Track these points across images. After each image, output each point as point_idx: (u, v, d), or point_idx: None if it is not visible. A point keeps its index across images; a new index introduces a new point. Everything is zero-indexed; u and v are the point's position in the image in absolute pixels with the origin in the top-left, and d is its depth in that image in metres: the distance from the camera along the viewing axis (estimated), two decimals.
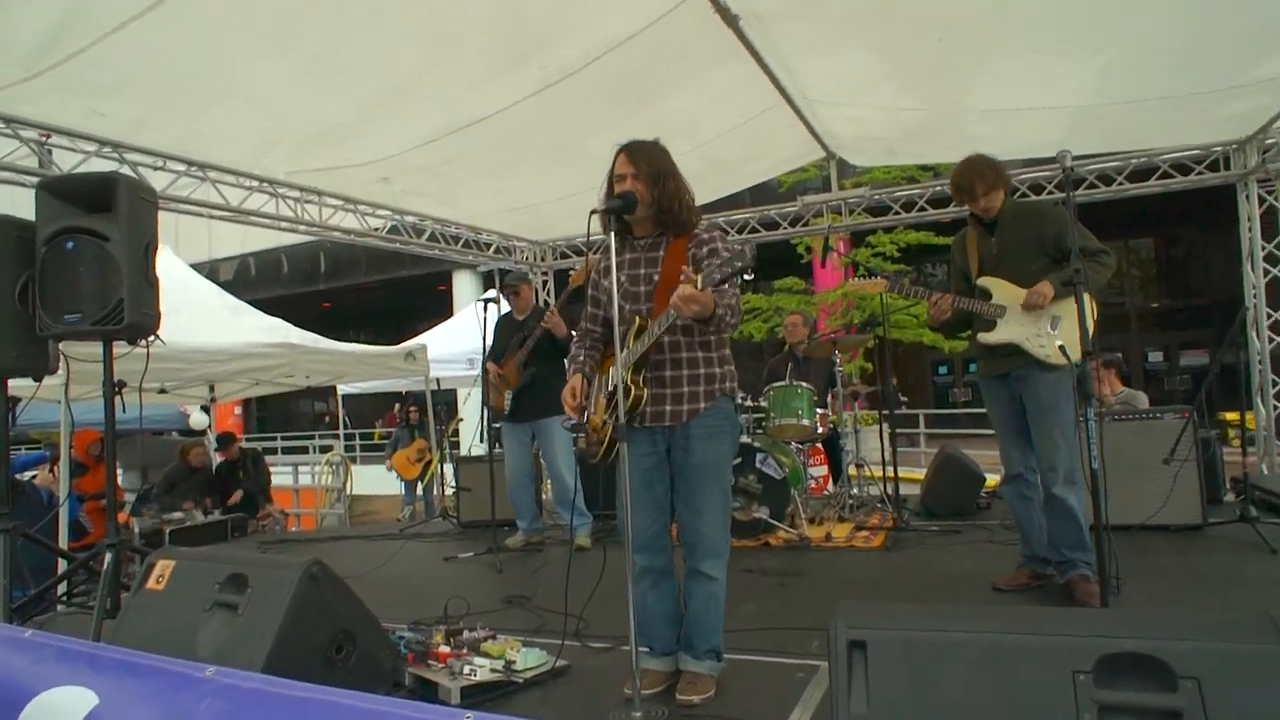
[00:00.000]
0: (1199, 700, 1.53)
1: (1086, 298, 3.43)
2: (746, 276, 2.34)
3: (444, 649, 2.93)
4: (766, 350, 12.86)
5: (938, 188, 6.83)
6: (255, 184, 5.21)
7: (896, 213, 7.00)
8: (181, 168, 4.82)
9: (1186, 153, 6.06)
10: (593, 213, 2.46)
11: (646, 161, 2.58)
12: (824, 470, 6.22)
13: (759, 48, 4.57)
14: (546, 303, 5.52)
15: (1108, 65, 4.51)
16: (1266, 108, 5.13)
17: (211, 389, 8.48)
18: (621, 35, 4.10)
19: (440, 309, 18.17)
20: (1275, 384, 6.07)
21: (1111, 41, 4.20)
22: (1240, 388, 5.01)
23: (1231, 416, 7.91)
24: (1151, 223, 16.62)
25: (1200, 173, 6.07)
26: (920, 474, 6.98)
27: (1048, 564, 3.66)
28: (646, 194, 2.57)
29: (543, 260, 7.96)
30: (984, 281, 3.60)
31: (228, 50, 3.59)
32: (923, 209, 6.85)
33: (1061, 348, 3.36)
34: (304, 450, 18.41)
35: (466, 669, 2.79)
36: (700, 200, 7.50)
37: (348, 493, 11.39)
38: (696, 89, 4.90)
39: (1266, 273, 6.05)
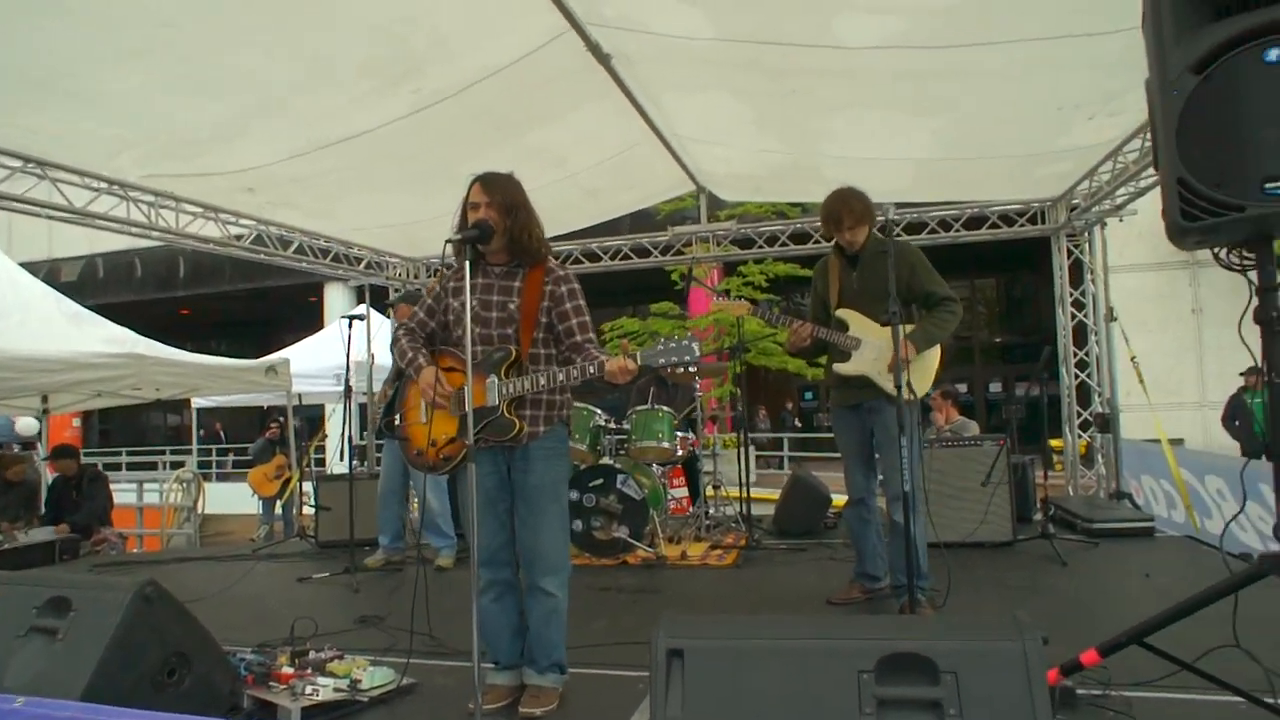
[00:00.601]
0: (956, 690, 1.78)
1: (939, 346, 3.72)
2: (692, 369, 2.57)
3: (287, 670, 2.90)
4: (644, 372, 13.12)
5: (798, 225, 7.30)
6: (104, 185, 4.92)
7: (760, 246, 7.41)
8: (16, 164, 4.48)
9: (1011, 206, 6.78)
10: (448, 242, 2.55)
11: (501, 192, 2.70)
12: (685, 492, 6.47)
13: (630, 86, 4.78)
14: None
15: (942, 126, 5.01)
16: (1071, 173, 5.84)
17: (45, 400, 7.85)
18: (496, 65, 4.20)
19: (310, 321, 17.49)
20: (1080, 415, 6.83)
21: (944, 107, 4.68)
22: (1045, 417, 5.62)
23: (1055, 444, 8.82)
24: (996, 265, 18.21)
25: (1022, 225, 6.80)
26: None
27: (877, 580, 3.92)
28: (500, 223, 2.69)
29: (416, 277, 7.89)
30: (842, 313, 3.76)
31: (79, 49, 3.41)
32: (784, 244, 7.30)
33: (908, 383, 3.48)
34: (153, 466, 17.20)
35: (309, 689, 2.78)
36: (576, 225, 7.63)
37: (199, 511, 10.74)
38: (570, 120, 5.06)
39: (1073, 316, 6.82)
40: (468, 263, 2.56)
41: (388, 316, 5.44)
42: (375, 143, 4.66)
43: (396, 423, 3.09)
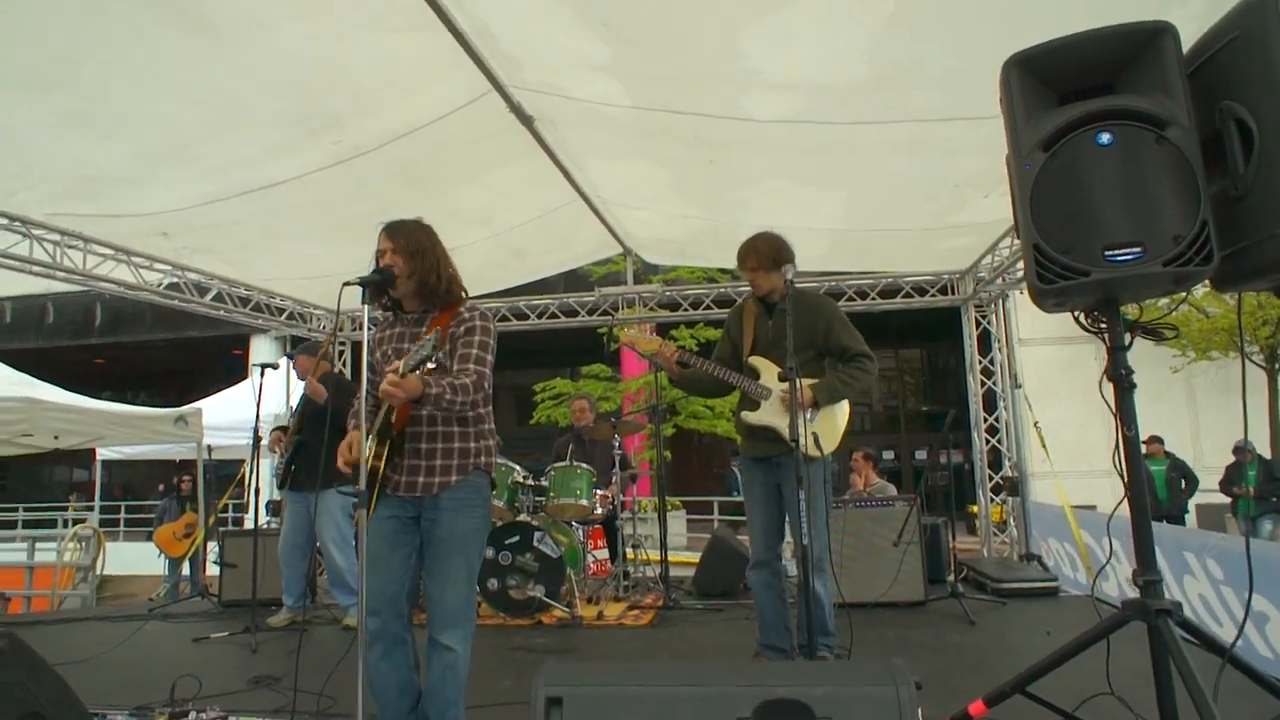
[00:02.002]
0: None
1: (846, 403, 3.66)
2: (429, 365, 2.51)
3: None
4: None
5: (723, 289, 7.50)
6: (4, 221, 4.74)
7: (686, 310, 7.57)
8: None
9: (923, 277, 7.11)
10: (345, 284, 2.56)
11: (404, 237, 2.72)
12: (606, 553, 6.40)
13: (554, 148, 4.91)
14: (341, 372, 5.43)
15: (850, 198, 5.27)
16: (975, 247, 6.18)
17: None
18: (418, 122, 4.28)
19: (236, 373, 16.96)
20: (992, 479, 7.06)
21: (849, 180, 4.93)
22: (954, 481, 5.83)
23: (975, 508, 9.07)
24: (920, 336, 18.89)
25: (933, 295, 7.13)
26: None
27: (784, 653, 3.73)
28: (405, 268, 2.70)
29: (341, 330, 7.79)
30: (754, 361, 3.68)
31: None
32: (709, 308, 7.47)
33: (815, 439, 3.49)
34: (53, 524, 16.20)
35: None
36: (504, 284, 7.64)
37: (98, 571, 10.11)
38: (494, 180, 5.15)
39: (983, 384, 7.12)
40: (367, 309, 2.57)
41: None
42: (294, 193, 4.65)
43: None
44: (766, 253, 3.59)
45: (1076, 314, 2.35)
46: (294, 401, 6.83)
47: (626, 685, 1.95)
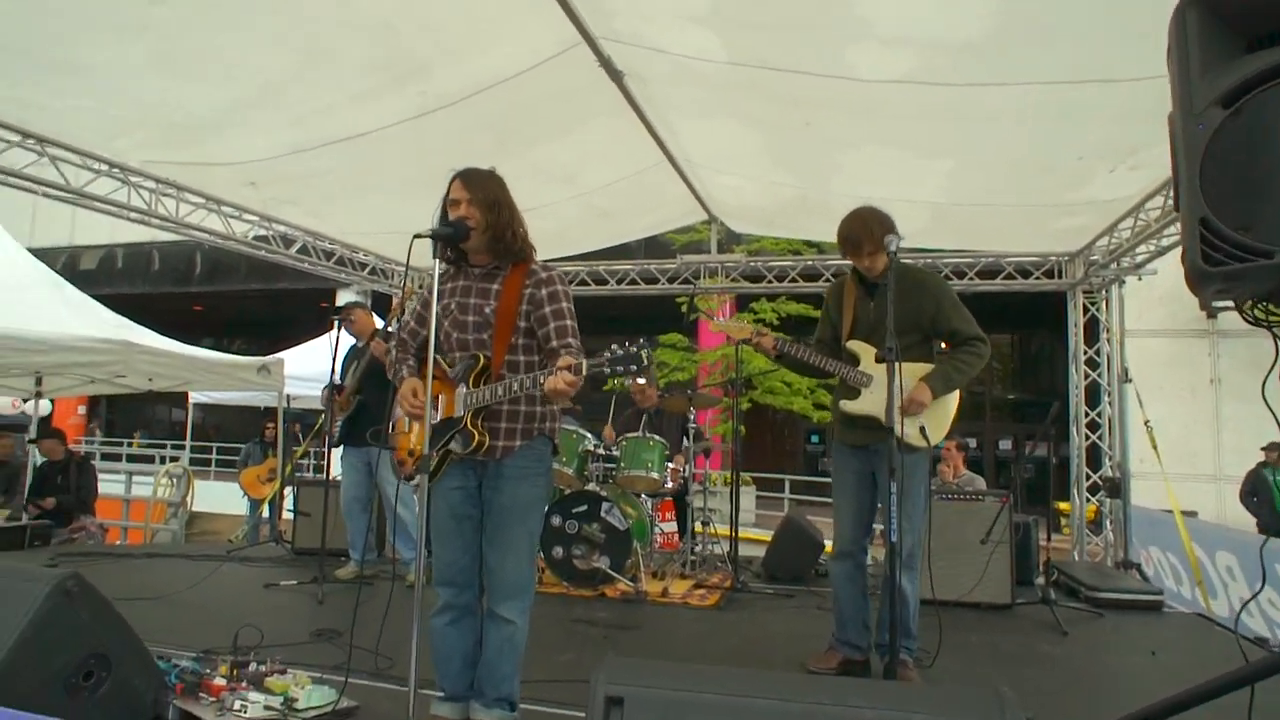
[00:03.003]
0: None
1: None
2: (640, 380, 2.35)
3: (219, 681, 2.73)
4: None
5: (809, 262, 7.16)
6: (104, 168, 4.85)
7: (770, 281, 7.26)
8: (15, 138, 4.40)
9: (1028, 259, 6.61)
10: (416, 236, 2.43)
11: (481, 188, 2.59)
12: (675, 526, 6.26)
13: (643, 106, 4.68)
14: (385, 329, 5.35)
15: (956, 168, 4.88)
16: (1091, 227, 5.67)
17: (39, 382, 7.76)
18: (505, 73, 4.11)
19: (323, 327, 17.47)
20: (1089, 477, 6.57)
21: (958, 147, 4.54)
22: (1052, 477, 5.43)
23: (1063, 506, 8.53)
24: (1013, 321, 17.95)
25: (1038, 278, 6.63)
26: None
27: (859, 649, 3.53)
28: (481, 220, 2.57)
29: (421, 287, 7.79)
30: (854, 346, 3.45)
31: (67, 16, 3.33)
32: (794, 280, 7.15)
33: (922, 429, 3.26)
34: (150, 460, 17.15)
35: (238, 704, 2.62)
36: (586, 247, 7.46)
37: (187, 508, 10.60)
38: (579, 137, 4.96)
39: (1087, 375, 6.61)
40: (437, 263, 2.44)
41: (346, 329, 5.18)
42: (378, 144, 4.58)
43: (391, 430, 2.96)
44: (879, 232, 3.25)
45: (1242, 305, 2.00)
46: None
47: (696, 691, 1.77)
